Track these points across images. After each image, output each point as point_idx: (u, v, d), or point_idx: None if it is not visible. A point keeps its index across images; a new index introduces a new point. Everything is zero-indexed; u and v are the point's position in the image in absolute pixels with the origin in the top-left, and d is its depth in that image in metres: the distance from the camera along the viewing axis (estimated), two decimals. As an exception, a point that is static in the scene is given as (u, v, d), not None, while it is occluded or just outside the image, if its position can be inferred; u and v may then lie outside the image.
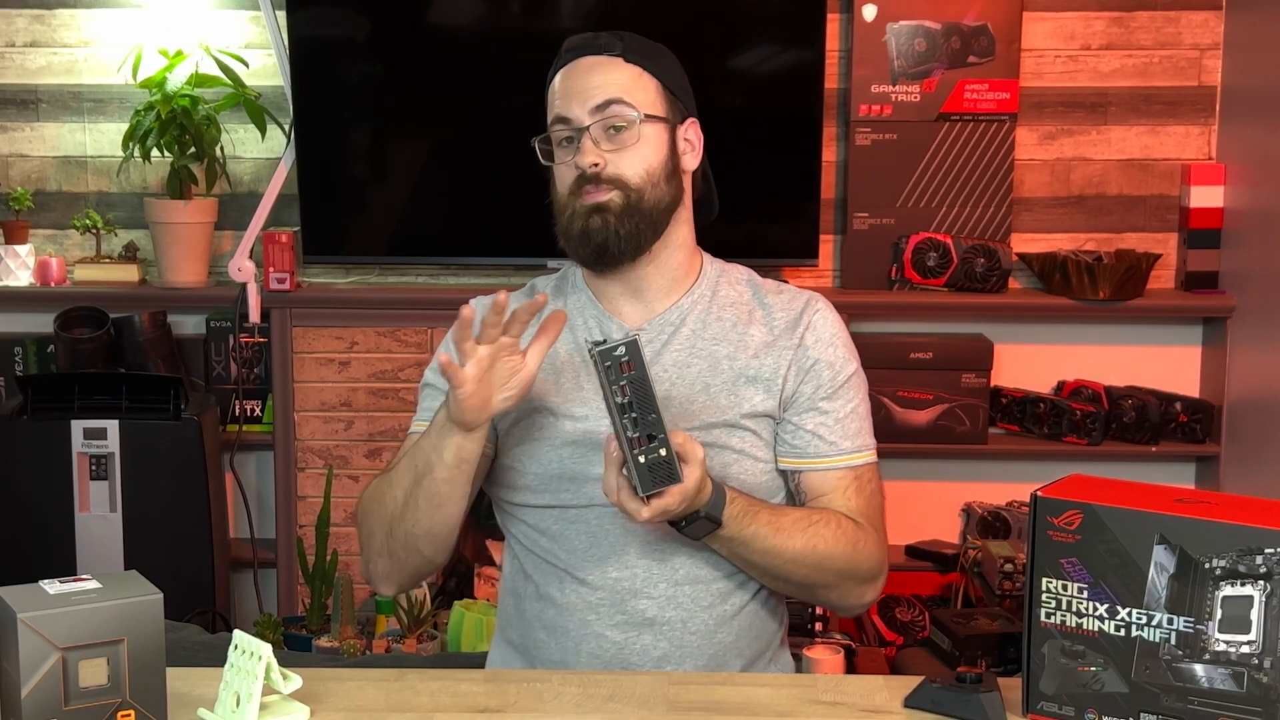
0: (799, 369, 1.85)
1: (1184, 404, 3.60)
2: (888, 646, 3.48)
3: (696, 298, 1.88)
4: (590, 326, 1.87)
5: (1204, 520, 1.43)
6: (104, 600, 1.43)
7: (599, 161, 1.80)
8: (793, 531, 1.76)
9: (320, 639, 3.37)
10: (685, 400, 1.82)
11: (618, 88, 1.83)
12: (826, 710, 1.59)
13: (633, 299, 1.87)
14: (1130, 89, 3.63)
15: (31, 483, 3.33)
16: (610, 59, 1.85)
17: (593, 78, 1.83)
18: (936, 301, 3.56)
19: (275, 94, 3.59)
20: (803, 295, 1.91)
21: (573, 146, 1.83)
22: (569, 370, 1.85)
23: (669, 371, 1.84)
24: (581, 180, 1.81)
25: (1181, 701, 1.45)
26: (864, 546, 1.81)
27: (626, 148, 1.82)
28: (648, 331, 1.85)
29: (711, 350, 1.85)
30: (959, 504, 3.72)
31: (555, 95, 1.86)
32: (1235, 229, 3.55)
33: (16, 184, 3.70)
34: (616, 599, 1.81)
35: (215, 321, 3.60)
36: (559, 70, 1.87)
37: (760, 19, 3.52)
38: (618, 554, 1.81)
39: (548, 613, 1.85)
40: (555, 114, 1.85)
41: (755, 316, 1.88)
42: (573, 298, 1.91)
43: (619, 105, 1.81)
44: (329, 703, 1.59)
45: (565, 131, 1.83)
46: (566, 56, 1.88)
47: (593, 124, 1.81)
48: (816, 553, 1.77)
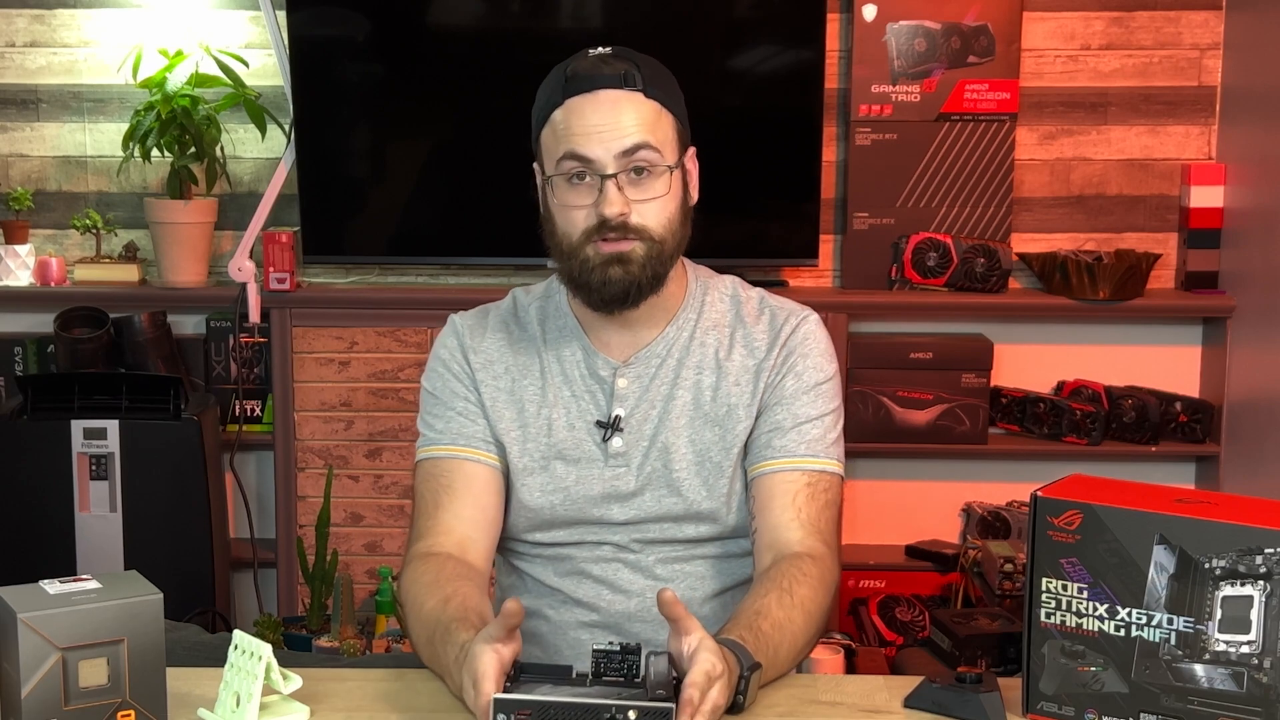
0: (769, 384, 1.83)
1: (1184, 404, 3.60)
2: (888, 646, 3.48)
3: (681, 324, 1.85)
4: (577, 359, 1.85)
5: (1204, 520, 1.43)
6: (104, 600, 1.43)
7: (626, 211, 1.72)
8: (792, 615, 1.65)
9: (320, 639, 3.37)
10: (672, 433, 1.82)
11: (644, 129, 1.72)
12: (826, 710, 1.59)
13: (621, 330, 1.84)
14: (1130, 89, 3.63)
15: (31, 483, 3.33)
16: (632, 94, 1.73)
17: (617, 117, 1.72)
18: (936, 301, 3.56)
19: (275, 94, 3.59)
20: (784, 311, 1.87)
21: (585, 185, 1.73)
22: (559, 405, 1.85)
23: (656, 407, 1.83)
24: (603, 227, 1.72)
25: (1181, 701, 1.45)
26: (826, 574, 1.73)
27: (654, 198, 1.73)
28: (634, 366, 1.84)
29: (696, 380, 1.83)
30: (959, 504, 3.72)
31: (566, 129, 1.73)
32: (1235, 229, 3.55)
33: (16, 184, 3.70)
34: (611, 621, 1.82)
35: (215, 321, 3.60)
36: (569, 99, 1.74)
37: (760, 19, 3.52)
38: (609, 581, 1.83)
39: (542, 629, 1.86)
40: (570, 150, 1.73)
41: (736, 339, 1.85)
42: (556, 322, 1.87)
43: (647, 151, 1.72)
44: (329, 703, 1.59)
45: (582, 168, 1.73)
46: (578, 84, 1.74)
47: (619, 171, 1.72)
48: (811, 613, 1.69)
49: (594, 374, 1.84)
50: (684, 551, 1.84)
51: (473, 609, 1.62)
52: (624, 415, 1.82)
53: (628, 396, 1.83)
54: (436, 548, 1.77)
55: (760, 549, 1.78)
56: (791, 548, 1.74)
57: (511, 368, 1.86)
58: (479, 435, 1.83)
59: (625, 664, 1.42)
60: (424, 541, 1.78)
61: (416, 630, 1.68)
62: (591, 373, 1.84)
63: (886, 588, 3.60)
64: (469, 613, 1.60)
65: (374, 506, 3.64)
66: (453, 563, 1.74)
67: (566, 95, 1.74)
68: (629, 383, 1.83)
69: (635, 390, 1.83)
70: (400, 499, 3.62)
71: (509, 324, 1.89)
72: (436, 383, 1.88)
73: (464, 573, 1.73)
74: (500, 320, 1.90)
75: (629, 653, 1.43)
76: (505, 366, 1.86)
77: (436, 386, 1.87)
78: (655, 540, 1.83)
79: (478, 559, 1.79)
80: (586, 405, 1.83)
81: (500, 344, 1.87)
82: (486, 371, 1.86)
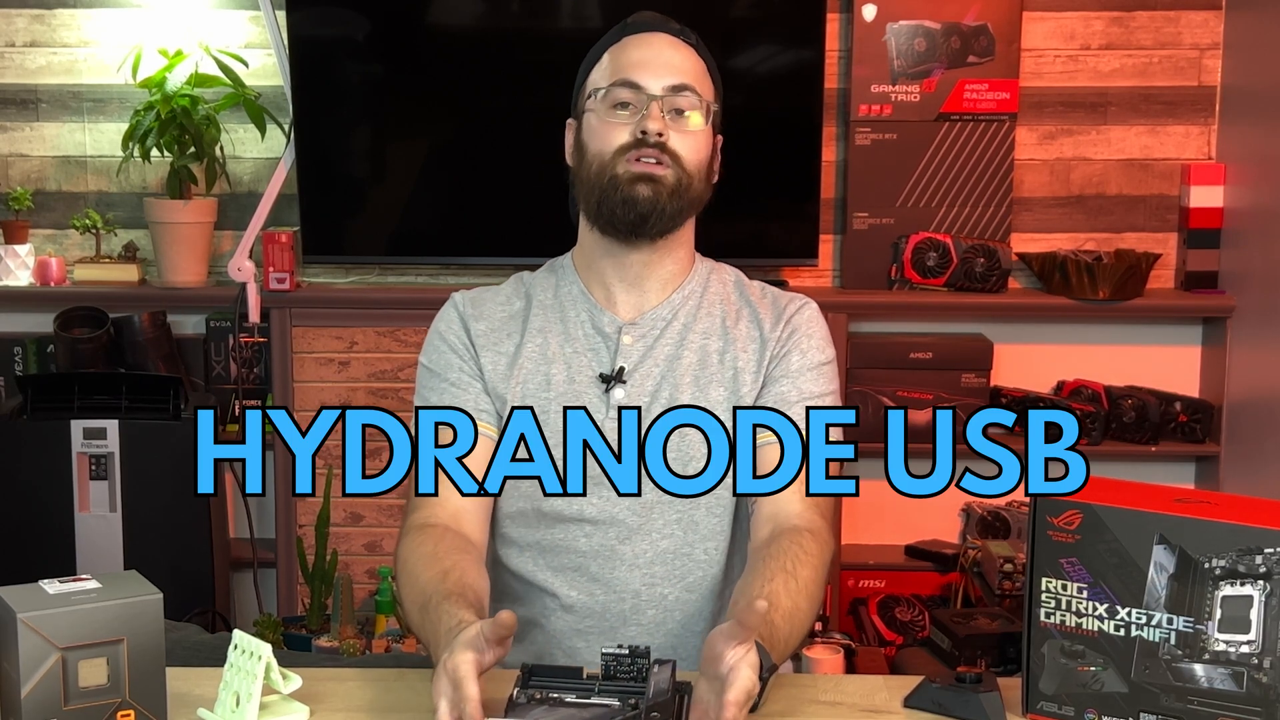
0: (774, 356, 1.84)
1: (1184, 404, 3.60)
2: (888, 646, 3.49)
3: (688, 293, 1.87)
4: (582, 320, 1.86)
5: (1204, 520, 1.43)
6: (104, 600, 1.43)
7: (665, 131, 1.78)
8: (798, 601, 1.64)
9: (320, 639, 3.37)
10: (676, 389, 1.81)
11: (693, 74, 1.82)
12: (826, 710, 1.59)
13: (630, 288, 1.85)
14: (1130, 89, 3.64)
15: (31, 483, 3.33)
16: (686, 45, 1.85)
17: (672, 55, 1.82)
18: (936, 301, 3.56)
19: (275, 94, 3.59)
20: (786, 295, 1.91)
21: (628, 113, 1.80)
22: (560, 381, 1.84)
23: (660, 365, 1.83)
24: (639, 144, 1.78)
25: (1181, 701, 1.46)
26: (826, 553, 1.73)
27: (690, 132, 1.80)
28: (640, 326, 1.84)
29: (702, 344, 1.84)
30: (959, 504, 3.72)
31: (622, 60, 1.82)
32: (1235, 229, 3.55)
33: (16, 184, 3.70)
34: (605, 625, 1.81)
35: (215, 321, 3.60)
36: (626, 37, 1.85)
37: (760, 19, 3.52)
38: (603, 582, 1.82)
39: (538, 638, 1.85)
40: (621, 77, 1.81)
41: (743, 314, 1.87)
42: (564, 289, 1.88)
43: (692, 93, 1.81)
44: (329, 703, 1.59)
45: (628, 96, 1.80)
46: (637, 27, 1.85)
47: (664, 98, 1.79)
48: (813, 597, 1.68)
49: (599, 330, 1.84)
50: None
51: (469, 585, 1.62)
52: (628, 369, 1.82)
53: (632, 353, 1.83)
54: (433, 519, 1.77)
55: (759, 520, 1.78)
56: (791, 520, 1.74)
57: (513, 332, 1.86)
58: (472, 404, 1.83)
59: (635, 666, 1.45)
60: (420, 513, 1.78)
61: (410, 596, 1.67)
62: (597, 329, 1.84)
63: (886, 588, 3.60)
64: (466, 589, 1.61)
65: (374, 506, 3.64)
66: (451, 535, 1.74)
67: (625, 34, 1.85)
68: (634, 340, 1.83)
69: (640, 348, 1.83)
70: (400, 499, 3.61)
71: (509, 295, 1.90)
72: (433, 356, 1.88)
73: (462, 545, 1.73)
74: (502, 292, 1.92)
75: (638, 655, 1.45)
76: (507, 331, 1.86)
77: (433, 360, 1.88)
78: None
79: (473, 530, 1.79)
80: (589, 361, 1.83)
81: (501, 312, 1.88)
82: (486, 339, 1.86)
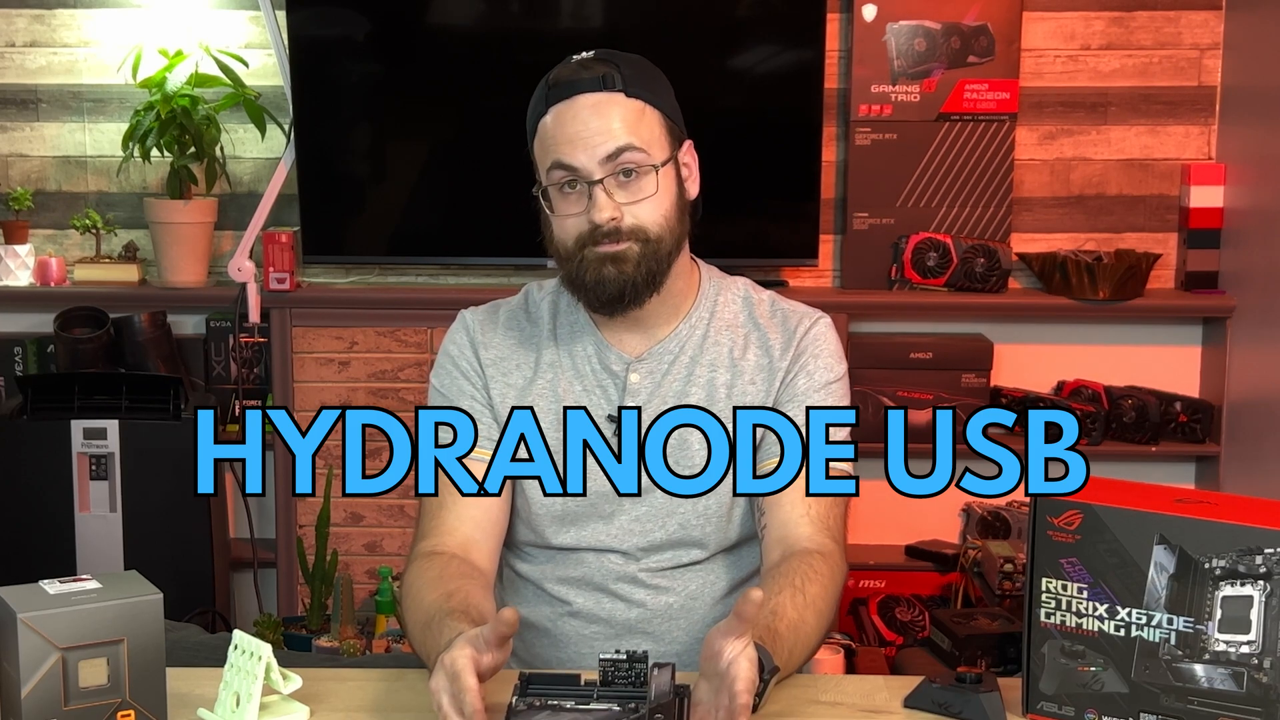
0: (782, 383, 1.83)
1: (1184, 404, 3.60)
2: (888, 646, 3.48)
3: (694, 322, 1.85)
4: (589, 354, 1.85)
5: (1204, 520, 1.43)
6: (104, 600, 1.43)
7: (617, 215, 1.72)
8: (805, 615, 1.63)
9: (320, 639, 3.37)
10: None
11: (627, 131, 1.72)
12: (826, 710, 1.59)
13: (633, 329, 1.84)
14: (1130, 89, 3.64)
15: (31, 483, 3.33)
16: (611, 95, 1.73)
17: (599, 121, 1.72)
18: (936, 301, 3.56)
19: (275, 94, 3.59)
20: (796, 315, 1.87)
21: (576, 193, 1.73)
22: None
23: (668, 402, 1.82)
24: (595, 234, 1.72)
25: (1181, 701, 1.46)
26: (836, 574, 1.72)
27: (644, 198, 1.73)
28: (647, 362, 1.83)
29: (709, 378, 1.83)
30: (959, 504, 3.72)
31: (551, 139, 1.74)
32: (1235, 229, 3.55)
33: (16, 184, 3.70)
34: (612, 632, 1.82)
35: (215, 321, 3.60)
36: (551, 107, 1.74)
37: (760, 19, 3.52)
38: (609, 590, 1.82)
39: (541, 641, 1.85)
40: (555, 159, 1.73)
41: (751, 341, 1.85)
42: (568, 317, 1.87)
43: (632, 152, 1.71)
44: (329, 703, 1.59)
45: (570, 176, 1.73)
46: (559, 92, 1.74)
47: (605, 176, 1.71)
48: (822, 613, 1.68)
49: (606, 368, 1.83)
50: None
51: (474, 605, 1.62)
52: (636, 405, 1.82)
53: (640, 391, 1.82)
54: (441, 547, 1.76)
55: (769, 544, 1.77)
56: (801, 544, 1.73)
57: (523, 364, 1.85)
58: (485, 433, 1.83)
59: (633, 671, 1.44)
60: (428, 541, 1.78)
61: (414, 617, 1.66)
62: (604, 367, 1.83)
63: (886, 588, 3.60)
64: (470, 609, 1.60)
65: (374, 506, 3.64)
66: (457, 562, 1.74)
67: (549, 104, 1.75)
68: (641, 378, 1.83)
69: (648, 385, 1.82)
70: (400, 499, 3.62)
71: (520, 319, 1.88)
72: (444, 379, 1.87)
73: (468, 572, 1.72)
74: (511, 315, 1.89)
75: (636, 661, 1.45)
76: (516, 363, 1.85)
77: (444, 384, 1.87)
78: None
79: (482, 560, 1.78)
80: (598, 399, 1.83)
81: (511, 339, 1.87)
82: (496, 368, 1.85)
